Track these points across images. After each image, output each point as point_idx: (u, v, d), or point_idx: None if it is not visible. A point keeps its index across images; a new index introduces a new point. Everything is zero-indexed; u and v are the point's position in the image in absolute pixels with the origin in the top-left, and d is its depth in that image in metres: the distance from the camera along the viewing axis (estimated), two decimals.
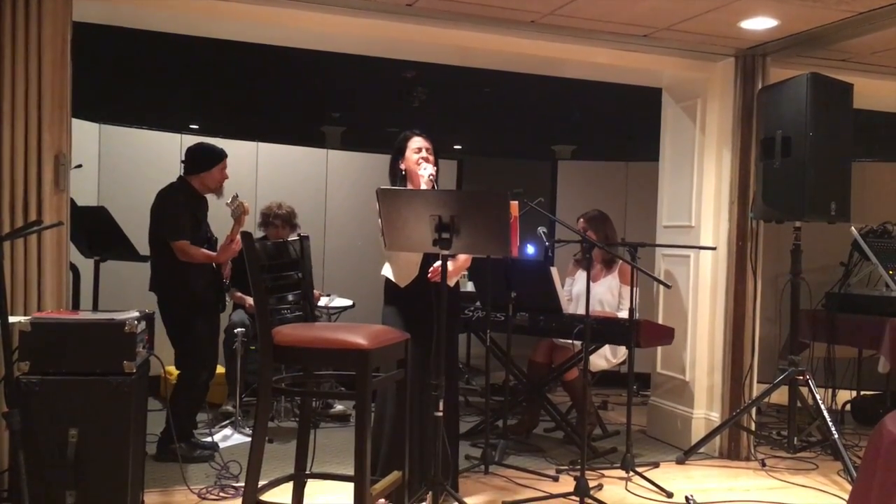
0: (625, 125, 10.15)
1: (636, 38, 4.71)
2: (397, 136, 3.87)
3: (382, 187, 3.33)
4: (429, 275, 3.59)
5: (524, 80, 5.69)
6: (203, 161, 4.48)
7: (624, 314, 5.02)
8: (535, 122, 11.36)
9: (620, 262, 5.11)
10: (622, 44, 4.75)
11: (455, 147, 13.36)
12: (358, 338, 2.92)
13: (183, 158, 4.54)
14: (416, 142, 3.75)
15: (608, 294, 5.11)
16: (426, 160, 3.72)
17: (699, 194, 5.08)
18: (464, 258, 3.81)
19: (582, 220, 5.23)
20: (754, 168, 4.77)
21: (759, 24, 4.37)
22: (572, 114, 10.16)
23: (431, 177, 3.63)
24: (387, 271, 3.79)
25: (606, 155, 11.73)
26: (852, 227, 4.97)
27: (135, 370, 3.18)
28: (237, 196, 4.34)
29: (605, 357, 5.09)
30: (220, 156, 4.51)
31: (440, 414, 3.30)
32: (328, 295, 5.92)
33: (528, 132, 12.26)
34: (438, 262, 3.45)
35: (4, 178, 3.61)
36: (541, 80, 5.50)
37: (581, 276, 5.30)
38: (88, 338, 3.14)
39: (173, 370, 4.60)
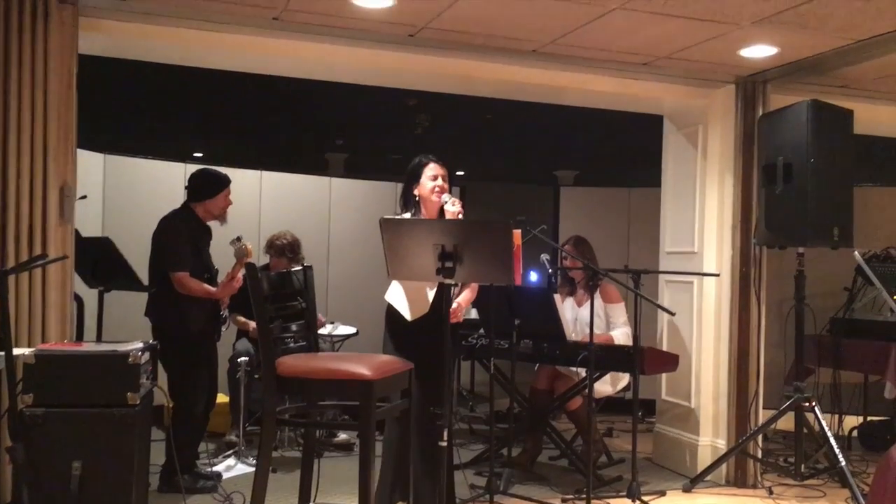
0: (627, 151, 10.20)
1: (636, 66, 4.75)
2: (400, 162, 3.87)
3: (386, 217, 3.33)
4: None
5: (526, 107, 5.74)
6: (207, 188, 4.46)
7: (616, 332, 4.99)
8: (537, 148, 11.42)
9: (602, 283, 5.08)
10: (623, 72, 4.79)
11: (458, 173, 13.42)
12: (362, 368, 2.92)
13: (186, 185, 4.54)
14: (433, 168, 3.73)
15: (594, 318, 5.07)
16: (444, 189, 3.71)
17: (702, 220, 5.09)
18: (471, 292, 3.81)
19: (568, 245, 5.21)
20: (756, 194, 4.78)
21: (759, 51, 4.41)
22: (574, 140, 10.21)
23: (460, 213, 3.62)
24: (391, 297, 3.78)
25: (609, 181, 11.77)
26: (856, 252, 4.95)
27: (138, 402, 3.18)
28: (241, 238, 4.32)
29: (608, 383, 5.07)
30: (224, 182, 4.49)
31: (444, 444, 3.28)
32: (332, 322, 5.92)
33: (530, 158, 12.33)
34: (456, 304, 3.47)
35: (10, 209, 3.64)
36: (543, 106, 5.55)
37: (568, 302, 5.29)
38: (92, 369, 3.15)
39: (170, 399, 4.58)
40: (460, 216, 3.60)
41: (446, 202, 3.62)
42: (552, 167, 12.98)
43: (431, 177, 3.71)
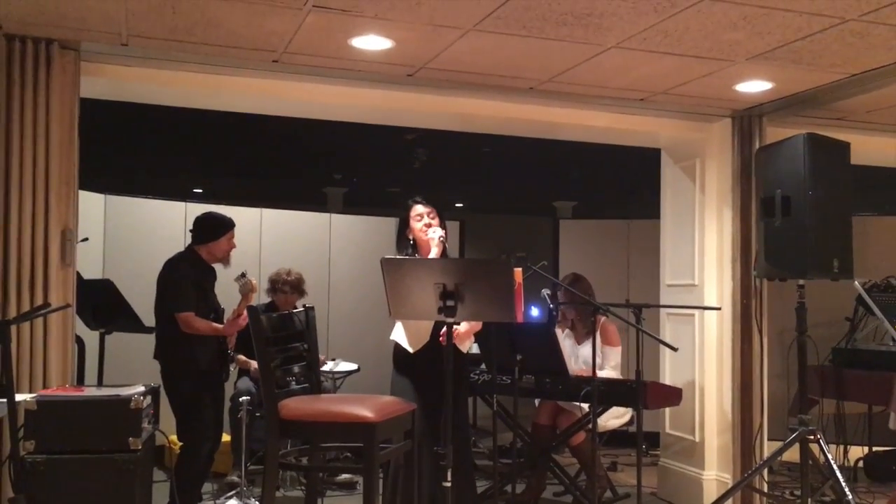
0: (625, 183, 10.23)
1: (633, 101, 4.79)
2: (399, 196, 3.93)
3: (387, 257, 3.35)
4: (440, 339, 3.58)
5: (524, 139, 5.78)
6: (210, 231, 4.48)
7: (601, 372, 4.96)
8: (535, 180, 11.46)
9: (602, 323, 5.06)
10: (619, 107, 4.83)
11: (457, 205, 13.45)
12: (364, 410, 2.92)
13: (191, 228, 4.56)
14: (417, 209, 3.81)
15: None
16: (429, 225, 3.77)
17: (701, 253, 5.10)
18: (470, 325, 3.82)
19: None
20: (755, 227, 4.79)
21: (754, 86, 4.45)
22: (572, 172, 10.25)
23: (441, 238, 3.68)
24: (396, 336, 3.79)
25: (607, 211, 11.80)
26: (856, 282, 4.97)
27: (140, 447, 3.16)
28: (245, 273, 4.34)
29: (605, 418, 5.04)
30: (227, 225, 4.50)
31: (448, 484, 3.26)
32: (333, 359, 5.90)
33: (528, 189, 12.35)
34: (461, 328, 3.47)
35: (11, 253, 3.65)
36: (541, 139, 5.59)
37: (567, 339, 5.27)
38: (94, 415, 3.15)
39: (177, 439, 4.56)
40: (441, 239, 3.66)
41: (430, 235, 3.71)
42: (550, 198, 13.02)
43: (416, 217, 3.80)
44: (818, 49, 3.83)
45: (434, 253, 3.68)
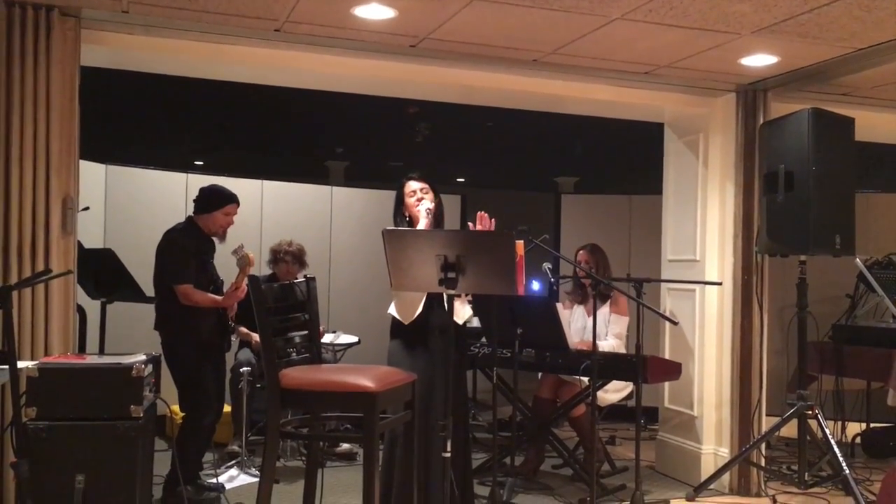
0: (628, 157, 10.20)
1: (637, 75, 4.76)
2: (401, 170, 3.91)
3: (389, 228, 3.34)
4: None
5: (526, 114, 5.76)
6: (206, 202, 4.46)
7: (603, 342, 4.98)
8: (537, 155, 11.42)
9: (614, 293, 5.09)
10: (623, 81, 4.79)
11: (458, 180, 13.41)
12: (365, 380, 2.92)
13: (194, 198, 4.55)
14: (410, 186, 3.82)
15: (602, 326, 5.09)
16: (421, 199, 3.77)
17: (703, 228, 5.09)
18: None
19: (583, 251, 5.25)
20: (758, 202, 4.78)
21: (760, 60, 4.41)
22: (575, 147, 10.21)
23: (428, 210, 3.69)
24: (392, 311, 3.81)
25: (609, 187, 11.76)
26: (857, 259, 4.96)
27: (141, 414, 3.18)
28: (242, 246, 4.33)
29: (609, 391, 5.06)
30: (225, 199, 4.46)
31: (447, 455, 3.28)
32: (334, 331, 5.91)
33: (530, 164, 12.32)
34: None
35: (12, 222, 3.64)
36: (543, 112, 5.55)
37: (577, 310, 5.30)
38: (95, 382, 3.15)
39: (179, 410, 4.59)
40: (428, 211, 3.68)
41: (418, 208, 3.73)
42: (552, 174, 12.98)
43: (410, 193, 3.81)
44: (825, 22, 3.80)
45: (422, 225, 3.67)
